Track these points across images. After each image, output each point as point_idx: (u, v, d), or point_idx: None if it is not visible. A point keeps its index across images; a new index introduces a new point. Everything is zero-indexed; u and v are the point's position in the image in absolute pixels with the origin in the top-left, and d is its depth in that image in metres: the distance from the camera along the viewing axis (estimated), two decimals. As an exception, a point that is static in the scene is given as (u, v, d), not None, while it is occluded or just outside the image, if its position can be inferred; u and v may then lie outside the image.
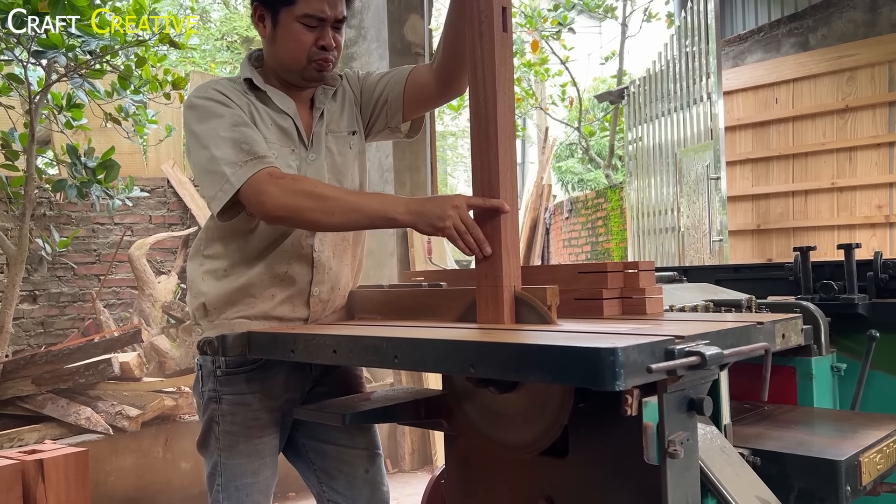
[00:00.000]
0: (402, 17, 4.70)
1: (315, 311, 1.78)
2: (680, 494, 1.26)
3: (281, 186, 1.58)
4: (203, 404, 1.77)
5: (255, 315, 1.74)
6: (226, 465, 1.73)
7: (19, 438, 3.29)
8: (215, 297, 1.74)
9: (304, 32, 1.68)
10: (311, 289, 1.76)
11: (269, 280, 1.73)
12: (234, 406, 1.73)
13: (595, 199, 9.24)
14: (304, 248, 1.74)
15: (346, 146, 1.84)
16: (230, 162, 1.60)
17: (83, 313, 5.21)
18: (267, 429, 1.76)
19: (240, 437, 1.73)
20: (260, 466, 1.75)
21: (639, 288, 1.56)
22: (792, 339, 1.44)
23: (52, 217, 5.17)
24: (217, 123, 1.64)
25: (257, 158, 1.61)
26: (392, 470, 4.34)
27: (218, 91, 1.70)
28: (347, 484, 1.83)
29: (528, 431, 1.44)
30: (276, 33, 1.71)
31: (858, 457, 1.49)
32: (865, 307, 2.12)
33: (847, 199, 5.66)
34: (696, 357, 1.06)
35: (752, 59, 6.35)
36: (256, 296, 1.73)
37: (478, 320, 1.51)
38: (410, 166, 4.68)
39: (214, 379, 1.73)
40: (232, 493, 1.74)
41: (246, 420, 1.73)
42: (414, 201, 1.56)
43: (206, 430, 1.77)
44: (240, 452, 1.73)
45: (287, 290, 1.75)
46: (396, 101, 1.87)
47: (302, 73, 1.73)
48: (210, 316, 1.75)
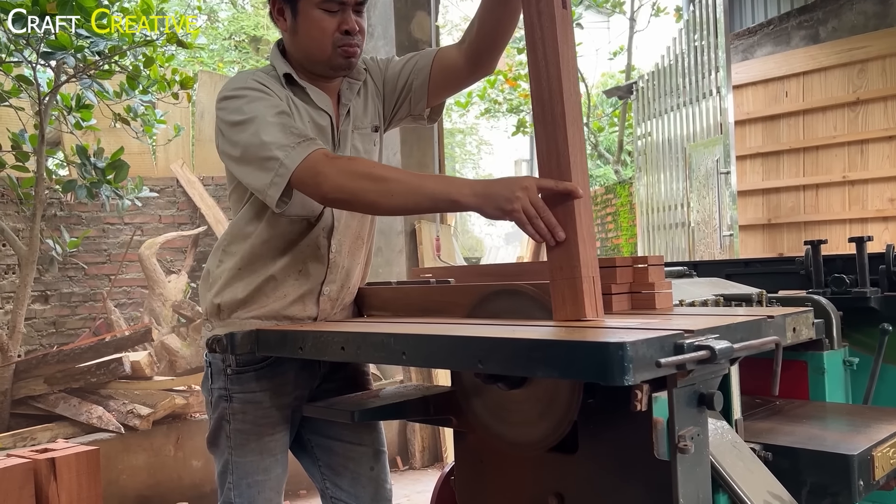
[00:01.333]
0: (409, 14, 4.70)
1: (324, 310, 1.78)
2: (691, 490, 1.25)
3: (337, 167, 1.53)
4: (213, 402, 1.76)
5: (266, 315, 1.73)
6: (237, 462, 1.73)
7: (32, 438, 3.31)
8: (231, 297, 1.73)
9: (326, 18, 1.64)
10: (323, 287, 1.75)
11: (282, 280, 1.72)
12: (245, 405, 1.72)
13: (604, 195, 9.21)
14: (321, 248, 1.73)
15: (370, 143, 1.82)
16: (281, 145, 1.54)
17: (94, 313, 5.24)
18: (277, 426, 1.75)
19: (251, 436, 1.73)
20: (271, 464, 1.75)
21: (648, 283, 1.55)
22: (803, 333, 1.43)
23: (62, 217, 5.20)
24: (262, 109, 1.59)
25: (309, 140, 1.56)
26: (403, 467, 4.35)
27: (257, 81, 1.66)
28: (352, 481, 1.83)
29: (537, 428, 1.43)
30: (297, 24, 1.67)
31: (871, 451, 1.48)
32: (878, 301, 2.10)
33: (859, 193, 5.62)
34: (706, 351, 1.05)
35: (762, 52, 6.31)
36: (269, 295, 1.72)
37: (554, 317, 1.40)
38: (419, 163, 4.68)
39: (225, 377, 1.73)
40: (244, 491, 1.73)
41: (257, 418, 1.73)
42: (479, 183, 1.48)
43: (216, 429, 1.76)
44: (251, 450, 1.72)
45: (299, 289, 1.73)
46: (422, 88, 1.83)
47: (329, 61, 1.68)
48: (222, 315, 1.74)
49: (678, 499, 1.23)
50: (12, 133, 3.98)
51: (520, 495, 1.52)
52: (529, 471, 1.50)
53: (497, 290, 1.51)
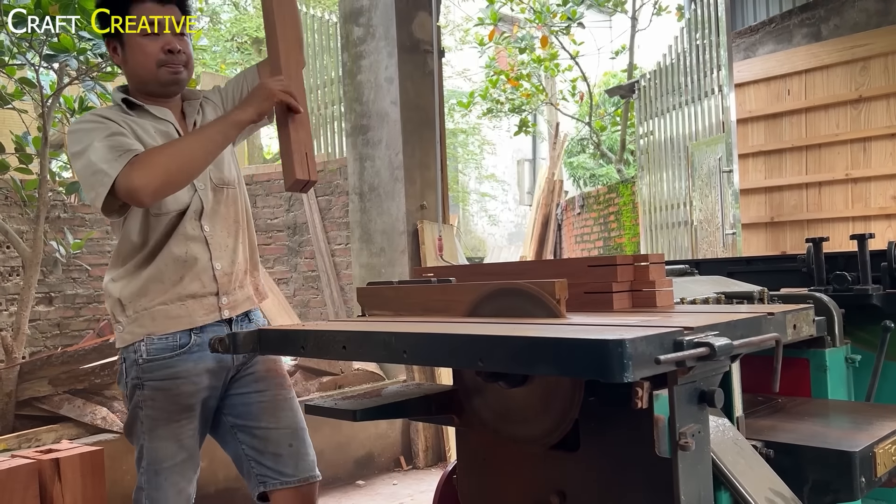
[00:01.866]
0: (411, 15, 4.70)
1: (223, 284, 1.95)
2: (692, 487, 1.25)
3: (141, 165, 1.73)
4: (129, 393, 1.90)
5: (169, 299, 1.88)
6: (148, 448, 1.87)
7: (37, 439, 3.32)
8: (128, 292, 1.88)
9: (148, 43, 1.87)
10: (213, 264, 1.93)
11: (172, 265, 1.89)
12: (155, 392, 1.86)
13: (607, 194, 9.20)
14: (196, 232, 1.92)
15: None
16: (106, 159, 1.75)
17: (98, 314, 5.26)
18: (186, 413, 1.89)
19: (160, 421, 1.86)
20: (177, 450, 1.88)
21: (649, 281, 1.55)
22: (803, 330, 1.43)
23: (66, 219, 5.22)
24: (93, 137, 1.79)
25: (128, 151, 1.76)
26: (406, 467, 4.35)
27: (96, 115, 1.87)
28: (274, 458, 1.98)
29: (538, 426, 1.44)
30: (125, 54, 1.90)
31: (873, 448, 1.48)
32: (880, 298, 2.10)
33: (862, 191, 5.61)
34: (706, 348, 1.06)
35: (764, 50, 6.30)
36: (164, 281, 1.88)
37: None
38: (420, 163, 4.69)
39: (137, 367, 1.87)
40: (152, 478, 1.86)
41: (166, 405, 1.86)
42: (242, 102, 1.90)
43: (131, 417, 1.90)
44: (160, 436, 1.86)
45: (191, 269, 1.90)
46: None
47: (157, 79, 1.90)
48: (127, 310, 1.88)
49: (679, 496, 1.23)
50: (16, 135, 3.99)
51: (522, 493, 1.52)
52: (531, 469, 1.51)
53: (498, 288, 1.52)
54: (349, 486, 4.02)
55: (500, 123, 14.36)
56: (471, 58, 13.44)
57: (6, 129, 4.48)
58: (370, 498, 3.85)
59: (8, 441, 3.21)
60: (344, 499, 3.82)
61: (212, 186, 1.96)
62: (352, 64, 4.94)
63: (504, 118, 12.78)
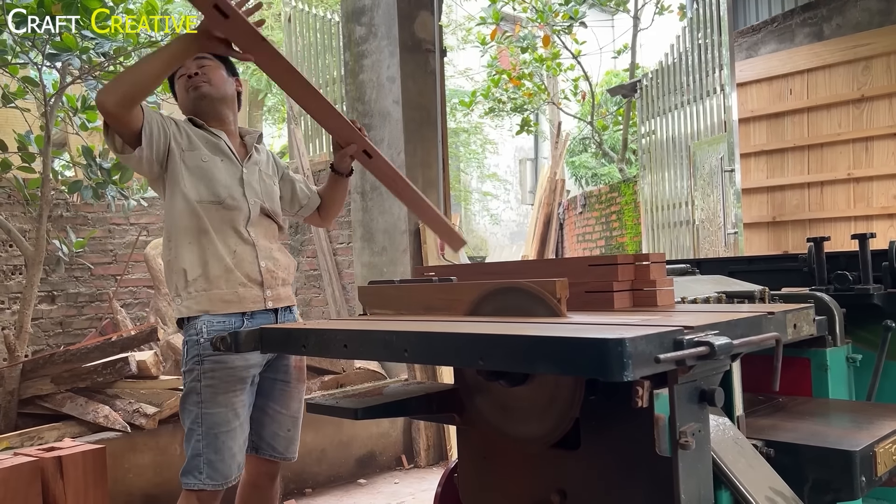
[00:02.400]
0: (413, 14, 4.70)
1: (268, 279, 2.22)
2: (692, 486, 1.26)
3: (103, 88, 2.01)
4: (189, 370, 2.11)
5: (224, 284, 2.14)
6: (207, 414, 2.07)
7: (39, 437, 3.33)
8: (193, 268, 2.12)
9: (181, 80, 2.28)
10: (259, 262, 2.21)
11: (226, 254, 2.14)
12: (215, 364, 2.09)
13: (609, 194, 9.20)
14: (244, 232, 2.20)
15: (272, 181, 2.40)
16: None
17: (101, 313, 5.27)
18: (240, 385, 2.12)
19: (219, 391, 2.08)
20: (233, 418, 2.10)
21: (649, 280, 1.55)
22: (804, 330, 1.43)
23: (68, 218, 5.22)
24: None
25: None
26: (408, 466, 4.36)
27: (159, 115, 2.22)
28: (273, 435, 2.29)
29: (539, 424, 1.44)
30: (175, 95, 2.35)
31: (874, 447, 1.48)
32: (881, 297, 2.10)
33: (864, 190, 5.60)
34: (706, 347, 1.06)
35: (766, 49, 6.30)
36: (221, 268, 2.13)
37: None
38: (422, 162, 4.69)
39: (198, 345, 2.10)
40: (211, 441, 2.06)
41: (224, 376, 2.09)
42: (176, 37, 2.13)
43: (189, 390, 2.10)
44: (218, 403, 2.07)
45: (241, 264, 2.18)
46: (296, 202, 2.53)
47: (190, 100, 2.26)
48: (189, 286, 2.12)
49: (679, 494, 1.23)
50: (18, 134, 4.00)
51: (523, 491, 1.53)
52: (532, 467, 1.51)
53: (499, 287, 1.52)
54: (351, 484, 4.03)
55: (501, 123, 14.36)
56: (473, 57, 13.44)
57: (9, 127, 4.48)
58: (372, 496, 3.86)
59: (11, 439, 3.21)
60: (346, 497, 3.83)
61: (263, 209, 2.27)
62: (354, 63, 4.94)
63: (506, 117, 12.77)
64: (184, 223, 2.14)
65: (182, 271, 2.13)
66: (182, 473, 2.10)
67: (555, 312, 1.41)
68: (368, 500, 3.81)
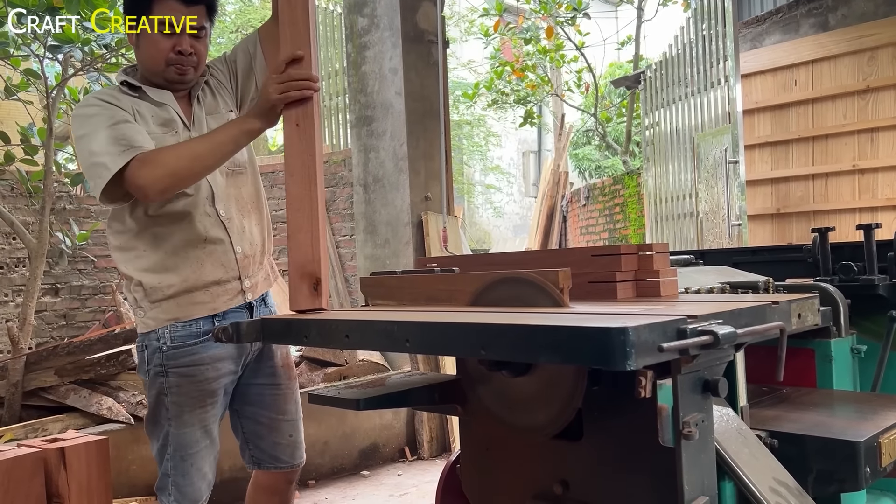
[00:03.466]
0: (415, 5, 4.68)
1: (244, 267, 1.97)
2: (695, 476, 1.25)
3: (149, 164, 1.75)
4: (150, 381, 1.92)
5: (193, 285, 1.90)
6: (175, 434, 1.89)
7: (43, 429, 3.34)
8: (150, 277, 1.89)
9: (161, 40, 1.88)
10: (234, 248, 1.95)
11: (193, 251, 1.90)
12: (181, 378, 1.89)
13: (612, 186, 9.18)
14: (212, 216, 1.92)
15: (224, 122, 2.00)
16: (108, 152, 1.77)
17: (104, 305, 5.27)
18: (210, 398, 1.93)
19: (185, 408, 1.89)
20: (202, 436, 1.92)
21: (653, 270, 1.55)
22: (808, 319, 1.42)
23: (72, 211, 5.23)
24: (97, 123, 1.81)
25: (132, 148, 1.78)
26: (411, 457, 4.36)
27: (100, 98, 1.87)
28: (273, 445, 2.07)
29: (541, 415, 1.43)
30: (139, 40, 1.92)
31: (878, 438, 1.47)
32: (886, 288, 2.09)
33: (869, 182, 5.57)
34: (709, 336, 1.05)
35: (771, 40, 6.26)
36: (187, 267, 1.89)
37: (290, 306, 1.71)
38: (425, 154, 4.67)
39: (160, 354, 1.89)
40: (178, 464, 1.90)
41: (191, 391, 1.89)
42: (251, 109, 1.85)
43: (155, 405, 1.92)
44: (186, 422, 1.89)
45: (212, 254, 1.92)
46: (260, 60, 2.07)
47: (163, 74, 1.92)
48: (150, 296, 1.89)
49: (682, 485, 1.23)
50: (21, 127, 4.00)
51: (525, 482, 1.52)
52: (534, 458, 1.51)
53: (501, 278, 1.51)
54: (354, 476, 4.03)
55: (505, 115, 14.34)
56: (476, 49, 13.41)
57: (12, 120, 4.48)
58: (375, 488, 3.86)
59: (15, 431, 3.22)
60: (349, 489, 3.83)
61: (224, 171, 1.97)
62: (356, 55, 4.93)
63: (509, 109, 12.75)
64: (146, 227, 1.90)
65: (139, 284, 1.89)
66: (156, 487, 1.97)
67: (557, 303, 1.40)
68: (371, 491, 3.82)
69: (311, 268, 1.70)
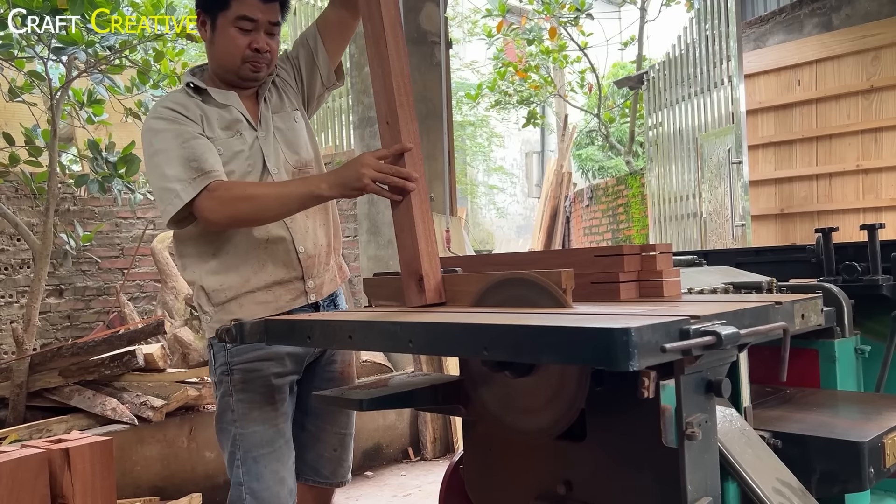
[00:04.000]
0: (418, 6, 4.69)
1: (308, 267, 1.92)
2: (699, 477, 1.25)
3: (216, 199, 1.75)
4: (218, 380, 1.88)
5: (255, 287, 1.86)
6: (242, 435, 1.83)
7: (48, 430, 3.35)
8: (209, 280, 1.87)
9: (239, 36, 1.86)
10: (296, 247, 1.90)
11: (254, 252, 1.86)
12: (245, 373, 1.84)
13: (616, 186, 9.17)
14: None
15: (291, 121, 2.01)
16: (180, 179, 1.77)
17: (108, 306, 5.29)
18: (277, 395, 1.87)
19: (253, 405, 1.83)
20: (275, 435, 1.84)
21: (656, 271, 1.54)
22: (812, 320, 1.42)
23: (76, 212, 5.24)
24: (168, 141, 1.81)
25: (204, 175, 1.77)
26: (414, 458, 4.36)
27: (169, 108, 1.85)
28: (316, 457, 1.99)
29: (544, 416, 1.43)
30: (214, 36, 1.89)
31: (882, 438, 1.47)
32: (890, 288, 2.08)
33: (873, 182, 5.56)
34: (712, 337, 1.05)
35: (774, 40, 6.25)
36: (249, 269, 1.86)
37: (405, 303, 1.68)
38: (428, 155, 4.68)
39: (225, 353, 1.85)
40: (251, 466, 1.81)
41: (257, 387, 1.84)
42: (332, 174, 1.74)
43: (221, 410, 1.87)
44: (254, 420, 1.83)
45: (274, 254, 1.88)
46: (322, 54, 2.04)
47: (237, 72, 1.90)
48: (213, 299, 1.87)
49: (686, 486, 1.23)
50: (25, 128, 4.01)
51: (528, 483, 1.52)
52: (538, 459, 1.51)
53: (504, 278, 1.51)
54: (357, 476, 4.04)
55: (508, 115, 14.33)
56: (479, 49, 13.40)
57: (16, 121, 4.50)
58: (378, 489, 3.87)
59: (19, 432, 3.23)
60: (352, 489, 3.83)
61: (289, 170, 1.94)
62: (359, 56, 4.93)
63: (512, 110, 12.75)
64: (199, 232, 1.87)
65: (202, 288, 1.88)
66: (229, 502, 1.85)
67: (560, 303, 1.40)
68: (375, 492, 3.82)
69: (415, 265, 1.66)
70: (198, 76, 1.96)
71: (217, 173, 1.79)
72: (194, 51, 10.43)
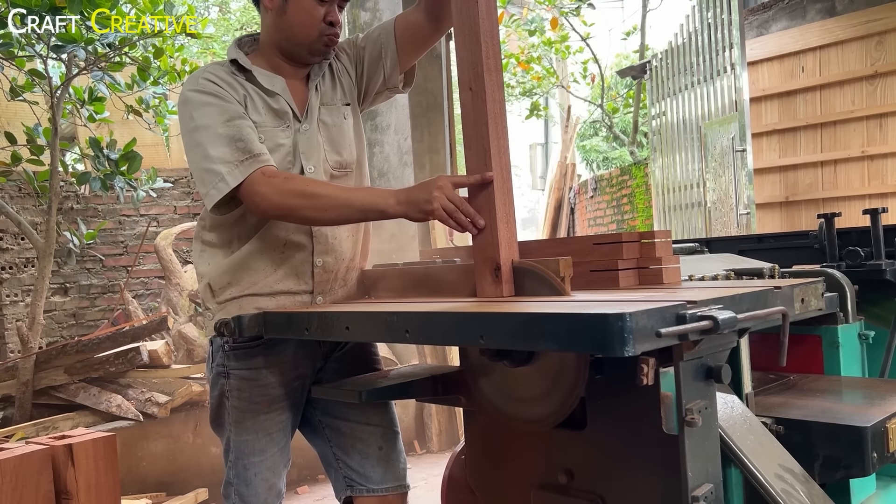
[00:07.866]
0: None
1: (320, 282, 1.78)
2: (699, 464, 1.24)
3: (273, 186, 1.61)
4: (212, 380, 1.80)
5: (260, 291, 1.74)
6: (236, 441, 1.76)
7: (54, 427, 3.36)
8: (217, 275, 1.75)
9: (316, 6, 1.71)
10: (314, 259, 1.76)
11: (267, 252, 1.73)
12: (242, 381, 1.75)
13: (620, 177, 9.14)
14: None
15: (340, 117, 1.84)
16: (226, 161, 1.62)
17: (113, 304, 5.30)
18: (275, 405, 1.77)
19: (247, 413, 1.75)
20: (267, 444, 1.77)
21: (655, 258, 1.53)
22: (812, 304, 1.41)
23: (79, 210, 5.25)
24: (211, 117, 1.65)
25: (252, 157, 1.63)
26: (420, 451, 4.37)
27: (210, 81, 1.69)
28: (361, 460, 1.83)
29: (544, 405, 1.43)
30: (287, 5, 1.71)
31: (885, 423, 1.46)
32: (893, 273, 2.07)
33: (878, 168, 5.52)
34: (709, 321, 1.04)
35: (777, 27, 6.20)
36: (259, 270, 1.73)
37: (477, 295, 1.54)
38: (430, 148, 4.67)
39: (223, 354, 1.76)
40: (241, 472, 1.76)
41: (253, 395, 1.75)
42: (402, 191, 1.59)
43: (217, 407, 1.80)
44: (247, 429, 1.75)
45: (288, 261, 1.75)
46: (392, 55, 1.88)
47: (310, 46, 1.74)
48: (217, 296, 1.76)
49: (686, 472, 1.22)
50: (27, 127, 4.01)
51: (530, 472, 1.52)
52: (539, 448, 1.50)
53: (502, 267, 1.50)
54: (363, 470, 4.04)
55: (511, 107, 14.27)
56: (481, 42, 13.31)
57: (17, 121, 4.50)
58: (384, 482, 3.87)
59: (25, 429, 3.25)
60: (358, 483, 3.84)
61: (328, 171, 1.78)
62: (359, 49, 4.91)
63: (515, 102, 12.70)
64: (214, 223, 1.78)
65: (207, 284, 1.77)
66: (221, 492, 1.83)
67: (558, 291, 1.39)
68: (381, 485, 3.82)
69: (491, 252, 1.52)
70: (245, 49, 1.80)
71: (267, 157, 1.65)
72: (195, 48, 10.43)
